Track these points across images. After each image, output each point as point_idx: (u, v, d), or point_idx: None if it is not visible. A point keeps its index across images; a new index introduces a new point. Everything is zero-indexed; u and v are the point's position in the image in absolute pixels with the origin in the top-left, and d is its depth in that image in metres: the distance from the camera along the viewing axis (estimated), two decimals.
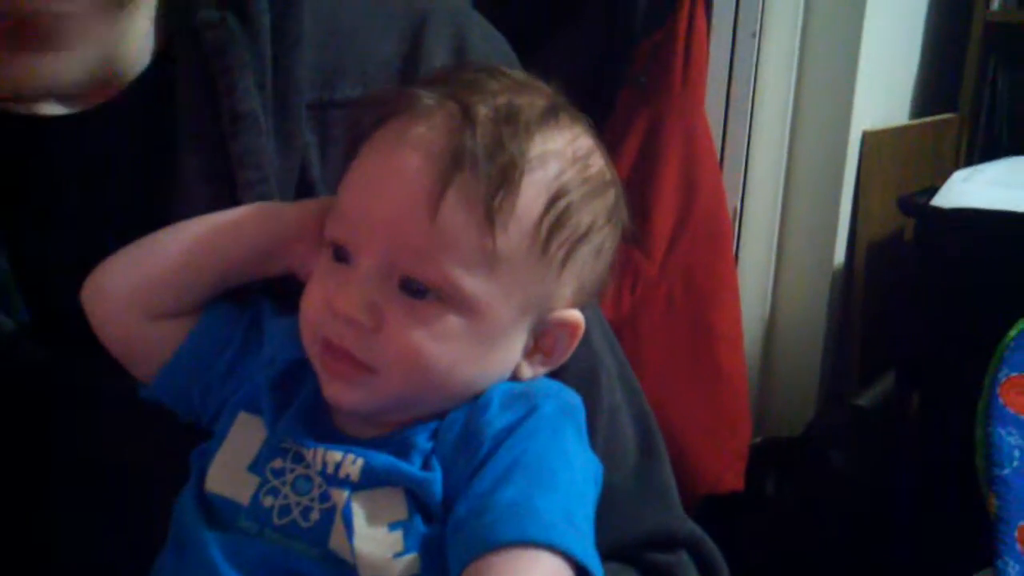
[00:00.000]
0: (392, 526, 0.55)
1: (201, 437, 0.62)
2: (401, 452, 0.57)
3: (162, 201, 0.63)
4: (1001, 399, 1.39)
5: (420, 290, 0.56)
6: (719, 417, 1.91)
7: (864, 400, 2.05)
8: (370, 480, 0.56)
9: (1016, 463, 1.37)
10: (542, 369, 0.61)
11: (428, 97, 0.57)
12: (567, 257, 0.58)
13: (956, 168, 2.09)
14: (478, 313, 0.56)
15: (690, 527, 0.72)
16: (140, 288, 0.61)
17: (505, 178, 0.55)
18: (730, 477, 1.91)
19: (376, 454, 0.57)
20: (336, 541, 0.56)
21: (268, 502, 0.57)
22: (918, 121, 2.29)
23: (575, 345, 0.61)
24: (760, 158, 2.04)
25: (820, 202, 2.06)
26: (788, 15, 1.98)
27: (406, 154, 0.56)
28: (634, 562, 0.69)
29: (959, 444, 1.45)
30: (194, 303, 0.62)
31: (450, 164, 0.54)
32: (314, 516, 0.56)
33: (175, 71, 0.64)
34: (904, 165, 2.19)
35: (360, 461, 0.56)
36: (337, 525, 0.56)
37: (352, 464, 0.56)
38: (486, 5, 0.89)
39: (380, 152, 0.57)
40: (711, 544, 0.73)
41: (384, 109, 0.59)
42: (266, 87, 0.64)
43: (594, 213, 0.59)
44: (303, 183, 0.66)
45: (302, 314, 0.59)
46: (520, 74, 0.62)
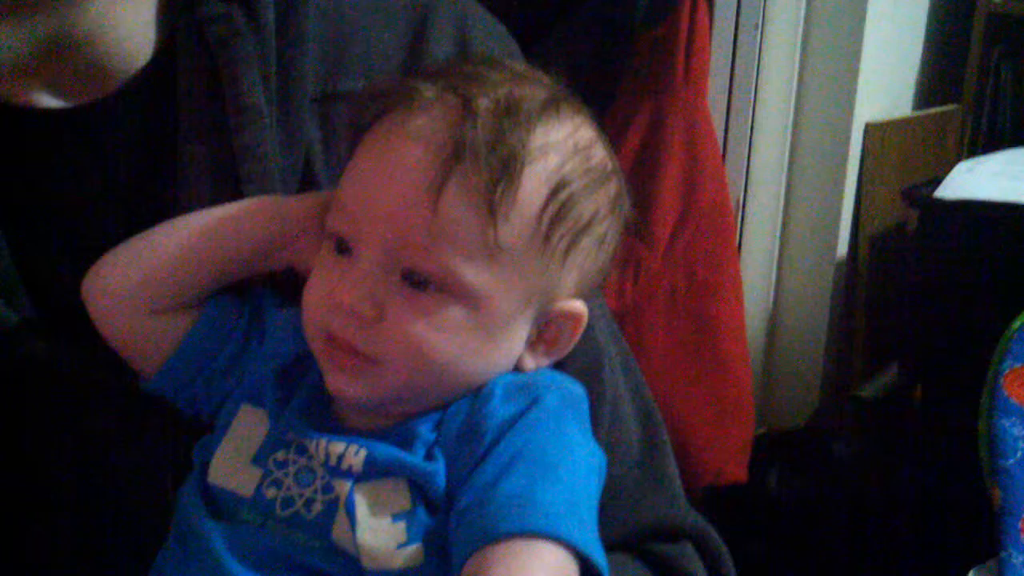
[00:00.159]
0: (395, 517, 0.55)
1: (203, 429, 0.62)
2: (404, 443, 0.57)
3: (164, 195, 0.63)
4: (1005, 390, 1.39)
5: (422, 282, 0.55)
6: (722, 409, 1.91)
7: (867, 392, 2.05)
8: (373, 471, 0.56)
9: (1020, 454, 1.37)
10: (545, 360, 0.61)
11: (428, 89, 0.57)
12: (569, 248, 0.58)
13: (959, 159, 2.08)
14: (480, 304, 0.56)
15: (694, 518, 0.72)
16: (139, 283, 0.61)
17: (506, 169, 0.55)
18: (733, 469, 1.91)
19: (379, 445, 0.57)
20: (339, 532, 0.55)
21: (271, 494, 0.57)
22: (921, 113, 2.28)
23: (578, 336, 0.61)
24: (763, 150, 2.04)
25: (823, 194, 2.06)
26: (791, 7, 1.97)
27: (407, 146, 0.56)
28: (638, 553, 0.69)
29: (962, 436, 1.44)
30: (194, 298, 0.62)
31: (451, 156, 0.54)
32: (317, 508, 0.56)
33: (178, 64, 0.64)
34: (907, 157, 2.18)
35: (363, 452, 0.56)
36: (340, 516, 0.56)
37: (355, 455, 0.56)
38: None
39: (381, 144, 0.57)
40: (715, 535, 0.73)
41: (384, 101, 0.58)
42: (270, 80, 0.64)
43: (596, 204, 0.59)
44: (307, 177, 0.66)
45: (304, 307, 0.59)
46: (521, 65, 0.62)
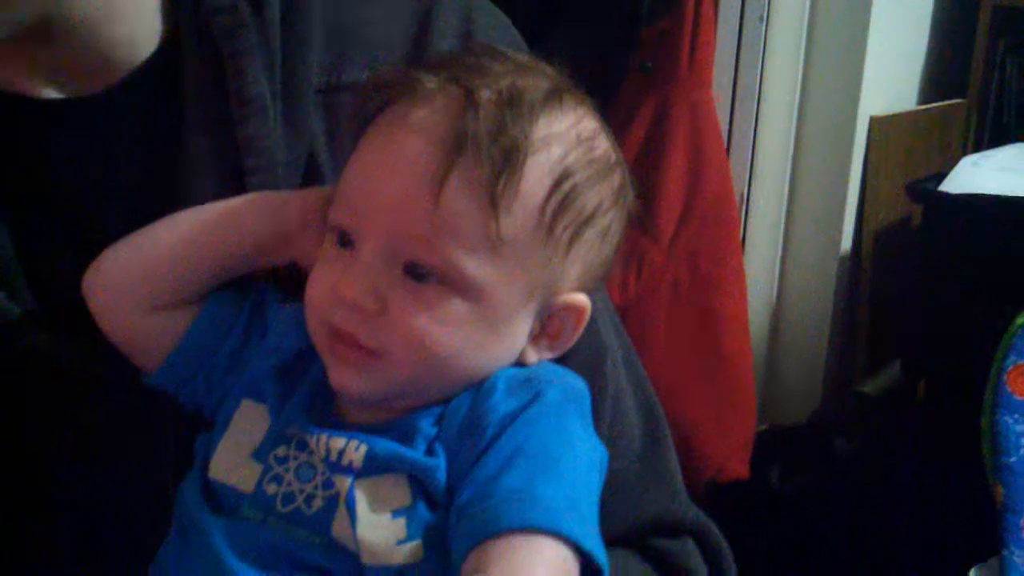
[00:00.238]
0: (395, 513, 0.55)
1: (204, 424, 0.62)
2: (405, 437, 0.57)
3: (167, 187, 0.63)
4: (1008, 387, 1.38)
5: (424, 274, 0.55)
6: (724, 404, 1.90)
7: (870, 388, 2.05)
8: (373, 467, 0.56)
9: (1023, 451, 1.36)
10: (548, 354, 0.61)
11: (430, 81, 0.57)
12: (572, 240, 0.58)
13: (964, 154, 2.08)
14: (483, 297, 0.56)
15: (695, 513, 0.72)
16: (139, 279, 0.61)
17: (508, 161, 0.54)
18: (735, 464, 1.91)
19: (379, 440, 0.56)
20: (339, 528, 0.55)
21: (272, 489, 0.57)
22: (926, 107, 2.27)
23: (581, 329, 0.61)
24: (767, 144, 2.03)
25: (827, 188, 2.05)
26: (796, 0, 1.97)
27: (409, 138, 0.55)
28: (639, 548, 0.69)
29: (965, 432, 1.44)
30: (195, 294, 0.62)
31: (453, 148, 0.54)
32: (317, 503, 0.56)
33: (182, 56, 0.64)
34: (912, 151, 2.18)
35: (363, 447, 0.56)
36: (340, 512, 0.55)
37: (355, 451, 0.56)
38: None
39: (383, 136, 0.57)
40: (716, 531, 0.73)
41: (387, 93, 0.58)
42: (275, 73, 0.64)
43: (600, 195, 0.58)
44: (311, 169, 0.66)
45: (307, 300, 0.58)
46: (523, 56, 0.61)
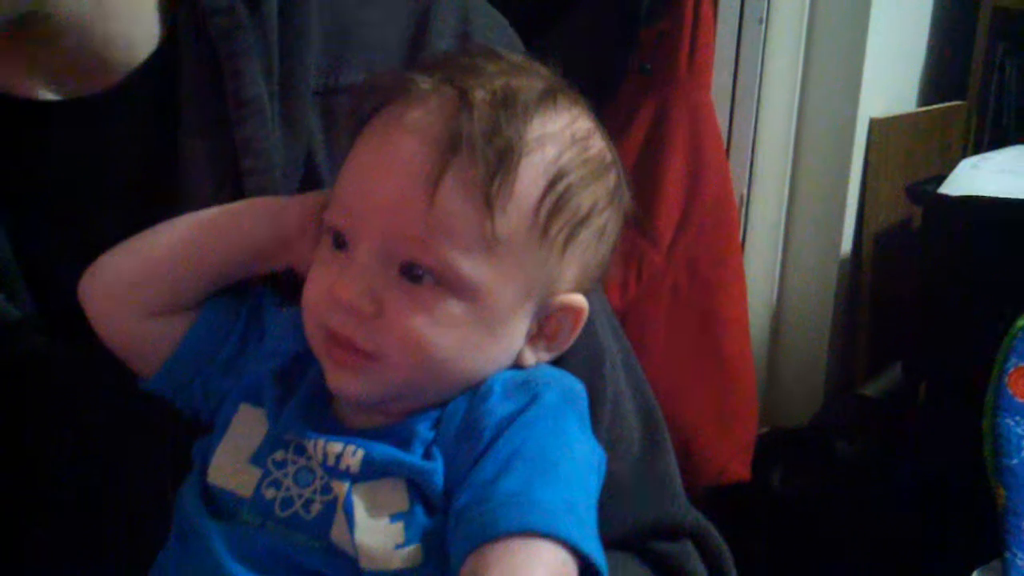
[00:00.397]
0: (393, 517, 0.55)
1: (202, 429, 0.62)
2: (402, 442, 0.56)
3: (165, 188, 0.63)
4: (1009, 389, 1.38)
5: (420, 275, 0.55)
6: (725, 407, 1.90)
7: (871, 390, 2.05)
8: (370, 471, 0.56)
9: None
10: (545, 355, 0.61)
11: (425, 82, 0.57)
12: (568, 240, 0.58)
13: (964, 156, 2.08)
14: (479, 297, 0.56)
15: (694, 516, 0.72)
16: (136, 285, 0.61)
17: (503, 161, 0.54)
18: (736, 467, 1.91)
19: (376, 445, 0.56)
20: (337, 533, 0.55)
21: (270, 494, 0.57)
22: (926, 109, 2.28)
23: (579, 330, 0.61)
24: (767, 146, 2.03)
25: (827, 190, 2.05)
26: (795, 1, 1.97)
27: (403, 139, 0.55)
28: (638, 551, 0.69)
29: (966, 434, 1.44)
30: (192, 299, 0.62)
31: (447, 148, 0.54)
32: (316, 508, 0.56)
33: (180, 56, 0.64)
34: (911, 153, 2.18)
35: (360, 452, 0.56)
36: (338, 517, 0.55)
37: (352, 456, 0.56)
38: None
39: (378, 137, 0.57)
40: (716, 534, 0.73)
41: (382, 94, 0.58)
42: (273, 74, 0.64)
43: (595, 195, 0.58)
44: (308, 171, 0.66)
45: (304, 303, 0.58)
46: (517, 57, 0.61)
